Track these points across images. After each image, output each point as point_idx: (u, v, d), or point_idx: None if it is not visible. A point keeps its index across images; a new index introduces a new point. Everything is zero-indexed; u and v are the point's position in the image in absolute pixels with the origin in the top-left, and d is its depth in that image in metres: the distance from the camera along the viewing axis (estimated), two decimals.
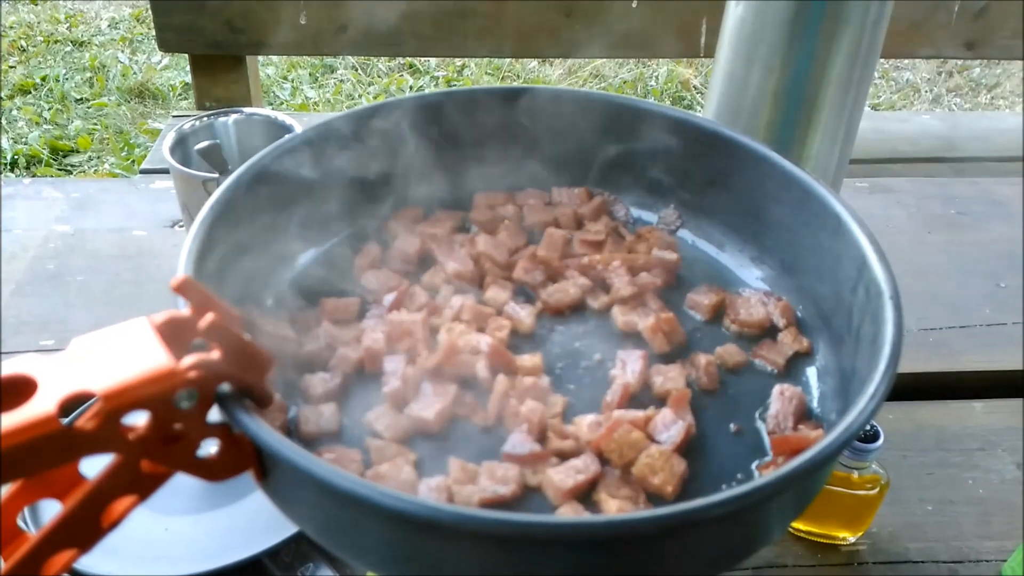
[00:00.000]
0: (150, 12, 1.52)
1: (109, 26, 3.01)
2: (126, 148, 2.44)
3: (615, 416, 0.52)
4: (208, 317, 0.40)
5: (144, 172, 1.28)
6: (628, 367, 0.56)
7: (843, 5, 0.67)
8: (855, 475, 0.68)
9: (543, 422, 0.52)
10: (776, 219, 0.62)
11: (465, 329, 0.58)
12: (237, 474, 0.44)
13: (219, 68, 1.57)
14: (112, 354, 0.39)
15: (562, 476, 0.48)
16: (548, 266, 0.64)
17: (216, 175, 0.84)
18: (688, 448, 0.51)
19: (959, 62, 2.95)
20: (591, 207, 0.68)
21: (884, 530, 0.73)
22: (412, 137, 0.65)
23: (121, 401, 0.38)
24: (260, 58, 2.10)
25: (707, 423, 0.54)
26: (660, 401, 0.54)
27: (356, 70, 2.82)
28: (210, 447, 0.42)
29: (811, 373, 0.58)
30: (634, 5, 1.48)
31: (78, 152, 2.44)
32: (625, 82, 2.83)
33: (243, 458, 0.43)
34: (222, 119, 0.94)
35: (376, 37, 1.52)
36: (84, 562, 0.62)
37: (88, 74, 2.75)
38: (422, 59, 2.82)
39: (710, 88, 0.78)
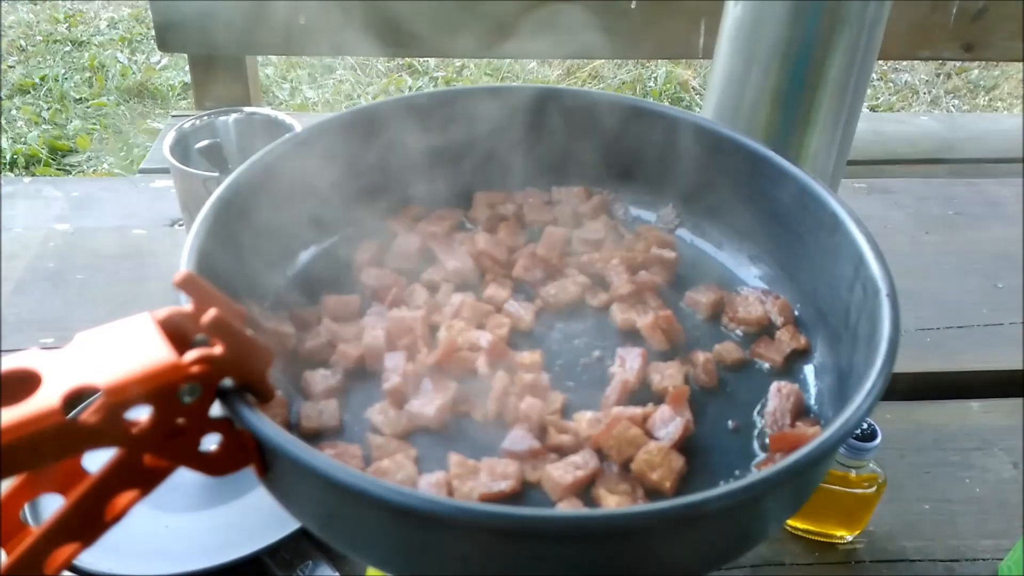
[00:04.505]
0: (149, 12, 1.52)
1: (108, 26, 3.01)
2: (125, 148, 2.44)
3: (614, 413, 0.52)
4: (210, 313, 0.40)
5: (143, 171, 1.28)
6: (627, 364, 0.56)
7: (841, 5, 0.68)
8: (853, 474, 0.68)
9: (542, 418, 0.52)
10: (774, 218, 0.62)
11: (465, 326, 0.58)
12: (239, 469, 0.44)
13: (218, 68, 1.57)
14: (115, 349, 0.39)
15: (561, 472, 0.49)
16: (547, 264, 0.64)
17: (216, 174, 0.84)
18: (686, 445, 0.52)
19: (957, 64, 2.95)
20: (590, 206, 0.69)
21: (881, 529, 0.74)
22: (411, 137, 0.65)
23: (124, 395, 0.38)
24: (259, 58, 2.10)
25: (705, 420, 0.54)
26: (659, 398, 0.55)
27: (355, 70, 2.82)
28: (212, 442, 0.43)
29: (808, 371, 0.58)
30: (632, 6, 1.48)
31: (77, 152, 2.44)
32: (624, 83, 2.83)
33: (245, 453, 0.43)
34: (222, 118, 0.94)
35: (375, 37, 1.53)
36: (85, 559, 0.63)
37: (87, 74, 2.75)
38: (421, 59, 2.82)
39: (708, 89, 0.78)
